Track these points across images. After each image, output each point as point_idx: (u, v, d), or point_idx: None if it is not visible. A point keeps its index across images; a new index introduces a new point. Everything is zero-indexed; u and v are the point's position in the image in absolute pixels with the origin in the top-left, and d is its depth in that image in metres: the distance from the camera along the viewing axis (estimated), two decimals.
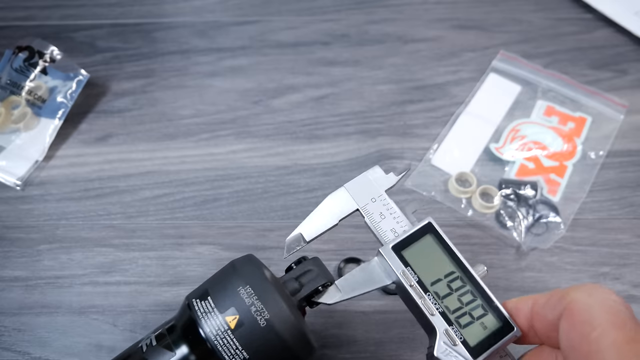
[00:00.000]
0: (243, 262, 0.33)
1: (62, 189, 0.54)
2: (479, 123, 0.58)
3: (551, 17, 0.67)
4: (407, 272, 0.31)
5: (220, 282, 0.32)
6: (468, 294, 0.31)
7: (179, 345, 0.32)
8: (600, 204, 0.53)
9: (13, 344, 0.46)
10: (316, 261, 0.35)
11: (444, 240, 0.32)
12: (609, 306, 0.26)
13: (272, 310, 0.30)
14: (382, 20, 0.67)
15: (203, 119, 0.59)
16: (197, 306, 0.31)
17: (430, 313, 0.30)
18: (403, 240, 0.32)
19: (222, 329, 0.30)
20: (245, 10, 0.68)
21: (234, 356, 0.30)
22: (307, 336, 0.32)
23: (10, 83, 0.56)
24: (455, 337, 0.30)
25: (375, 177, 0.35)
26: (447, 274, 0.31)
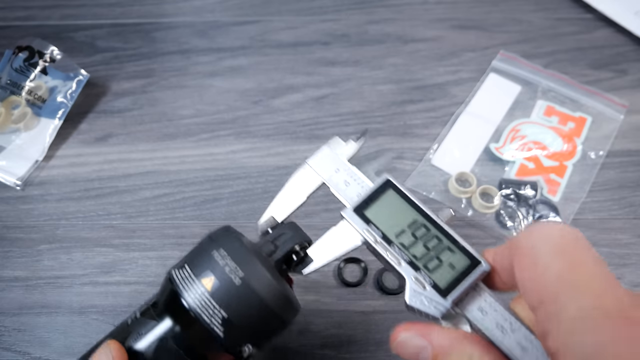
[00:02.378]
0: (219, 231, 0.34)
1: (62, 189, 0.54)
2: (479, 123, 0.58)
3: (551, 17, 0.67)
4: (370, 230, 0.32)
5: (197, 250, 0.33)
6: (433, 239, 0.31)
7: (161, 314, 0.32)
8: (600, 204, 0.53)
9: (13, 344, 0.46)
10: (292, 225, 0.35)
11: (404, 193, 0.33)
12: (550, 240, 0.26)
13: (246, 268, 0.31)
14: (382, 20, 0.67)
15: (203, 119, 0.59)
16: (175, 274, 0.32)
17: (397, 264, 0.31)
18: (364, 200, 0.33)
19: (199, 292, 0.31)
20: (245, 10, 0.68)
21: (213, 317, 0.31)
22: (285, 294, 0.32)
23: (10, 83, 0.56)
24: (424, 281, 0.30)
25: (336, 147, 0.36)
26: (411, 224, 0.32)
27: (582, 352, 0.22)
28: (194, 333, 0.31)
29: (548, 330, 0.24)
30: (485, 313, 0.30)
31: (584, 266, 0.25)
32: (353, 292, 0.48)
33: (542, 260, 0.25)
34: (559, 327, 0.24)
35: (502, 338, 0.29)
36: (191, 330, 0.31)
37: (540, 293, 0.25)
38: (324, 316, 0.47)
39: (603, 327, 0.22)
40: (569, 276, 0.24)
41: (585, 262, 0.25)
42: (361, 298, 0.48)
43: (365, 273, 0.49)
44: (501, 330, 0.29)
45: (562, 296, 0.24)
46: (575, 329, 0.23)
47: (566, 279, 0.24)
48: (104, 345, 0.31)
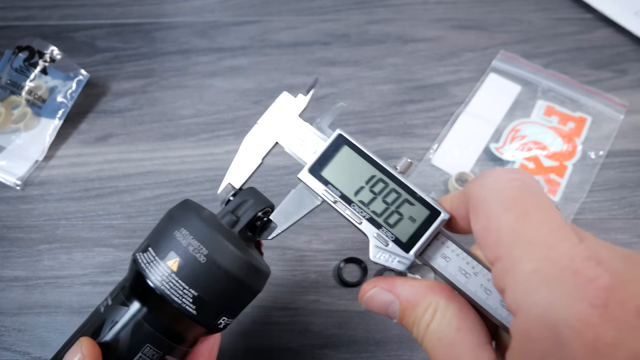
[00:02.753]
0: (177, 208, 0.34)
1: (62, 189, 0.54)
2: (479, 123, 0.58)
3: (551, 17, 0.67)
4: (328, 191, 0.32)
5: (158, 231, 0.33)
6: (392, 193, 0.31)
7: (132, 300, 0.32)
8: (600, 204, 0.53)
9: (13, 344, 0.46)
10: (251, 191, 0.35)
11: (358, 148, 0.32)
12: (500, 190, 0.25)
13: (209, 245, 0.31)
14: (382, 20, 0.67)
15: (203, 119, 0.59)
16: (140, 259, 0.32)
17: (358, 222, 0.31)
18: (318, 160, 0.32)
19: (166, 274, 0.31)
20: (245, 10, 0.68)
21: (183, 296, 0.31)
22: (252, 263, 0.32)
23: (10, 83, 0.56)
24: (386, 237, 0.30)
25: (286, 103, 0.35)
26: (368, 180, 0.32)
27: (536, 313, 0.22)
28: (167, 314, 0.32)
29: (505, 287, 0.24)
30: (449, 260, 0.30)
31: (535, 217, 0.24)
32: (353, 292, 0.48)
33: (494, 214, 0.25)
34: (514, 286, 0.23)
35: (466, 282, 0.29)
36: (164, 312, 0.31)
37: (495, 249, 0.25)
38: (324, 316, 0.47)
39: (554, 284, 0.22)
40: (520, 229, 0.24)
41: (536, 211, 0.24)
42: None
43: (365, 273, 0.49)
44: (464, 275, 0.29)
45: (514, 251, 0.24)
46: (528, 288, 0.23)
47: (518, 232, 0.24)
48: (76, 344, 0.31)
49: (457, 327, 0.27)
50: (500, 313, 0.28)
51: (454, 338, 0.27)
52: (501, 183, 0.26)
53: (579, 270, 0.22)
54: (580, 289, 0.22)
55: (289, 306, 0.48)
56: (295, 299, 0.48)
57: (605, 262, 0.22)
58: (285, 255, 0.50)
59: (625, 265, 0.23)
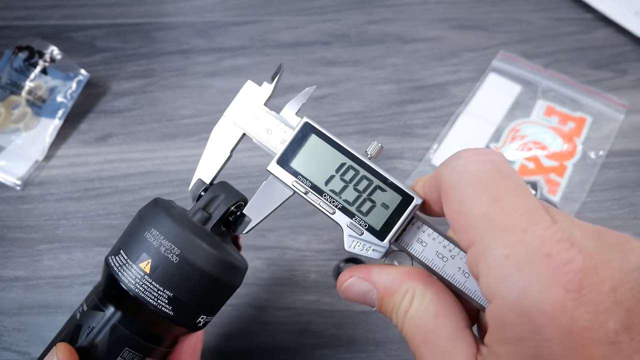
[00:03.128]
0: (147, 208, 0.33)
1: (62, 189, 0.54)
2: (479, 123, 0.58)
3: (551, 17, 0.67)
4: (298, 182, 0.31)
5: (129, 233, 0.32)
6: (363, 180, 0.31)
7: (106, 304, 0.32)
8: (600, 204, 0.53)
9: (13, 344, 0.46)
10: (222, 185, 0.34)
11: (326, 136, 0.32)
12: (472, 173, 0.25)
13: (181, 244, 0.30)
14: (382, 20, 0.67)
15: (203, 118, 0.59)
16: (112, 262, 0.32)
17: (330, 212, 0.30)
18: (285, 150, 0.32)
19: (139, 276, 0.30)
20: (245, 10, 0.68)
21: (158, 298, 0.30)
22: (227, 260, 0.32)
23: (10, 83, 0.56)
24: (360, 226, 0.30)
25: (250, 93, 0.34)
26: (338, 168, 0.31)
27: (510, 300, 0.22)
28: (143, 316, 0.31)
29: (479, 274, 0.24)
30: (425, 244, 0.30)
31: (507, 200, 0.24)
32: None
33: (466, 199, 0.24)
34: (487, 272, 0.23)
35: (443, 266, 0.29)
36: (140, 314, 0.31)
37: (468, 234, 0.24)
38: (324, 316, 0.47)
39: (527, 269, 0.22)
40: (492, 214, 0.23)
41: (508, 195, 0.24)
42: None
43: None
44: (441, 259, 0.29)
45: (487, 237, 0.23)
46: (501, 274, 0.22)
47: (489, 217, 0.23)
48: (52, 350, 0.31)
49: (434, 312, 0.27)
50: (479, 295, 0.28)
51: (432, 324, 0.27)
52: (472, 165, 0.25)
53: (552, 253, 0.22)
54: (553, 273, 0.21)
55: (289, 306, 0.48)
56: (295, 299, 0.48)
57: (578, 243, 0.22)
58: (285, 255, 0.50)
59: (598, 245, 0.22)
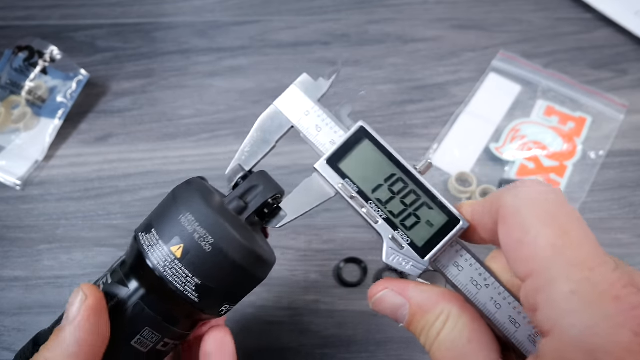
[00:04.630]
0: (183, 188, 0.32)
1: (62, 189, 0.54)
2: (479, 123, 0.58)
3: (551, 17, 0.67)
4: (345, 185, 0.30)
5: (162, 212, 0.32)
6: (411, 194, 0.30)
7: (131, 280, 0.32)
8: (600, 204, 0.53)
9: (13, 344, 0.46)
10: (261, 175, 0.33)
11: (380, 144, 0.31)
12: (536, 202, 0.25)
13: (216, 234, 0.30)
14: (382, 20, 0.67)
15: (203, 119, 0.59)
16: (142, 239, 0.31)
17: (374, 221, 0.30)
18: (336, 151, 0.31)
19: (169, 260, 0.30)
20: (245, 10, 0.68)
21: (186, 284, 0.30)
22: (258, 253, 0.31)
23: (10, 83, 0.56)
24: (402, 240, 0.29)
25: (305, 87, 0.33)
26: (388, 178, 0.30)
27: (572, 335, 0.22)
28: (167, 299, 0.31)
29: (538, 305, 0.24)
30: (461, 269, 0.29)
31: (574, 235, 0.24)
32: (353, 292, 0.48)
33: (531, 228, 0.24)
34: (550, 304, 0.23)
35: (476, 293, 0.29)
36: (164, 297, 0.31)
37: (529, 263, 0.24)
38: (324, 316, 0.47)
39: (594, 308, 0.22)
40: (560, 247, 0.23)
41: (574, 229, 0.24)
42: (361, 298, 0.48)
43: (365, 273, 0.49)
44: (475, 286, 0.29)
45: (552, 269, 0.23)
46: (566, 309, 0.22)
47: (557, 249, 0.23)
48: (76, 289, 0.30)
49: (468, 338, 0.26)
50: (507, 329, 0.28)
51: (465, 349, 0.26)
52: (536, 194, 0.25)
53: (620, 296, 0.22)
54: (623, 316, 0.22)
55: (289, 306, 0.48)
56: (295, 299, 0.48)
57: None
58: (285, 255, 0.50)
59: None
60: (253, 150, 0.33)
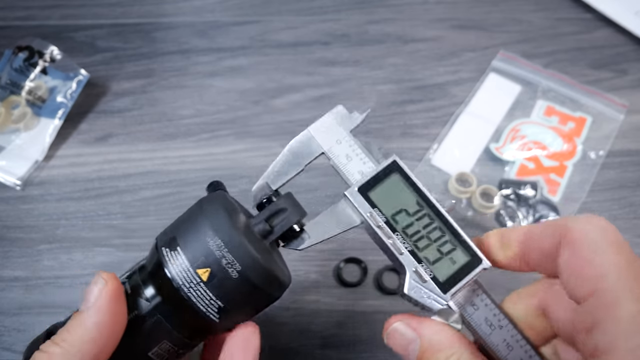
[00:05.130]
0: (212, 206, 0.32)
1: (62, 189, 0.54)
2: (479, 123, 0.58)
3: (551, 17, 0.67)
4: (374, 214, 0.31)
5: (189, 229, 0.32)
6: (436, 230, 0.31)
7: (152, 293, 0.32)
8: (600, 204, 0.53)
9: (13, 344, 0.46)
10: (288, 198, 0.34)
11: (410, 178, 0.32)
12: (607, 232, 0.27)
13: (243, 262, 0.30)
14: (382, 20, 0.67)
15: (203, 119, 0.59)
16: (167, 256, 0.31)
17: (399, 252, 0.30)
18: (368, 181, 0.32)
19: (194, 282, 0.30)
20: (245, 10, 0.68)
21: (209, 306, 0.30)
22: (279, 278, 0.32)
23: (10, 83, 0.56)
24: (425, 274, 0.30)
25: (339, 117, 0.34)
26: (415, 212, 0.31)
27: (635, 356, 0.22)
28: (188, 317, 0.31)
29: (598, 323, 0.24)
30: (477, 308, 0.30)
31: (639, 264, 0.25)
32: (353, 292, 0.48)
33: (601, 250, 0.26)
34: (613, 322, 0.24)
35: (490, 334, 0.29)
36: (186, 315, 0.31)
37: (595, 282, 0.25)
38: (324, 316, 0.47)
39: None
40: (629, 272, 0.25)
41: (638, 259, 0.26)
42: (361, 298, 0.48)
43: (365, 273, 0.49)
44: (489, 326, 0.29)
45: (620, 289, 0.24)
46: (631, 330, 0.23)
47: (625, 272, 0.25)
48: (96, 275, 0.30)
49: None
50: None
51: None
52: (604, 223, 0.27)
53: None
54: None
55: (289, 306, 0.48)
56: (296, 299, 0.48)
57: None
58: (286, 255, 0.50)
59: None
60: (282, 171, 0.33)
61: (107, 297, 0.29)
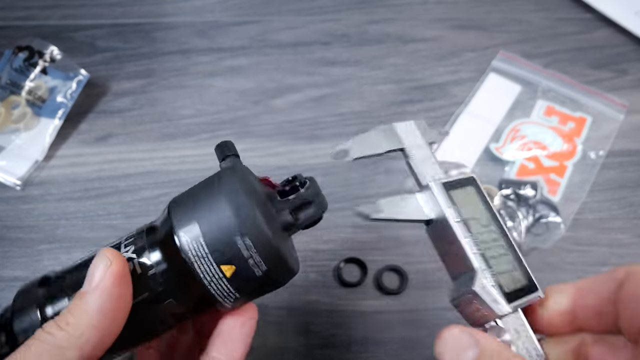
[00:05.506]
0: (237, 198, 0.31)
1: (62, 189, 0.54)
2: (479, 123, 0.58)
3: (551, 17, 0.67)
4: (453, 210, 0.31)
5: (214, 221, 0.30)
6: (502, 248, 0.31)
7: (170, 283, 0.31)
8: (600, 204, 0.53)
9: None
10: (314, 189, 0.33)
11: (484, 195, 0.33)
12: None
13: (270, 262, 0.30)
14: (382, 20, 0.67)
15: (203, 119, 0.59)
16: (188, 246, 0.30)
17: (472, 251, 0.30)
18: (450, 182, 0.32)
19: (217, 276, 0.30)
20: (245, 10, 0.68)
21: (226, 297, 0.30)
22: (294, 271, 0.32)
23: (10, 83, 0.56)
24: (492, 278, 0.30)
25: (422, 127, 0.36)
26: (486, 225, 0.32)
27: None
28: (200, 302, 0.31)
29: None
30: (519, 336, 0.30)
31: None
32: (353, 292, 0.48)
33: None
34: None
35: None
36: (198, 301, 0.31)
37: None
38: (324, 316, 0.47)
39: None
40: None
41: None
42: (361, 298, 0.48)
43: (365, 273, 0.49)
44: (529, 356, 0.29)
45: None
46: None
47: None
48: (99, 254, 0.29)
49: None
50: None
51: None
52: None
53: None
54: None
55: (289, 306, 0.48)
56: (295, 299, 0.48)
57: None
58: None
59: None
60: (365, 146, 0.33)
61: (111, 279, 0.28)
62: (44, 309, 0.32)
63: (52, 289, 0.34)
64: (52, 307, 0.32)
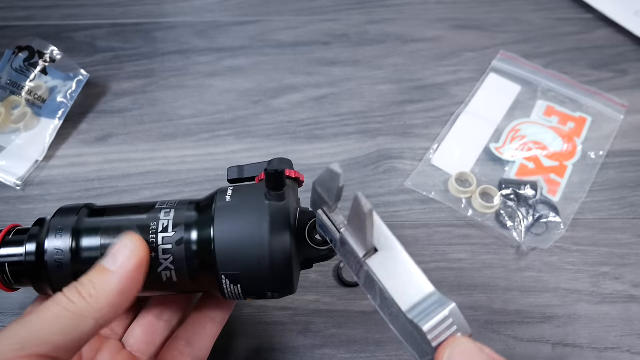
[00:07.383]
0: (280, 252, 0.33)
1: (62, 189, 0.54)
2: (479, 123, 0.58)
3: (551, 17, 0.67)
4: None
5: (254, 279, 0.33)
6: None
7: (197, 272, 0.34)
8: (600, 204, 0.53)
9: None
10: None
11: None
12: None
13: (284, 293, 0.35)
14: (382, 20, 0.67)
15: (203, 119, 0.59)
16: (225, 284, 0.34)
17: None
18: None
19: (235, 292, 0.34)
20: (245, 10, 0.68)
21: (232, 293, 0.34)
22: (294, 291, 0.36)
23: (10, 83, 0.56)
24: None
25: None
26: None
27: None
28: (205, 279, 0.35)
29: None
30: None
31: None
32: (353, 292, 0.48)
33: None
34: None
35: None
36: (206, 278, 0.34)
37: None
38: (324, 316, 0.47)
39: None
40: None
41: None
42: (361, 298, 0.48)
43: None
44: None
45: None
46: None
47: None
48: (127, 235, 0.31)
49: None
50: None
51: None
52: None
53: None
54: None
55: (289, 306, 0.48)
56: (295, 299, 0.48)
57: None
58: None
59: None
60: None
61: (135, 265, 0.30)
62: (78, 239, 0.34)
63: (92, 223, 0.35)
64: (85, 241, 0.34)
